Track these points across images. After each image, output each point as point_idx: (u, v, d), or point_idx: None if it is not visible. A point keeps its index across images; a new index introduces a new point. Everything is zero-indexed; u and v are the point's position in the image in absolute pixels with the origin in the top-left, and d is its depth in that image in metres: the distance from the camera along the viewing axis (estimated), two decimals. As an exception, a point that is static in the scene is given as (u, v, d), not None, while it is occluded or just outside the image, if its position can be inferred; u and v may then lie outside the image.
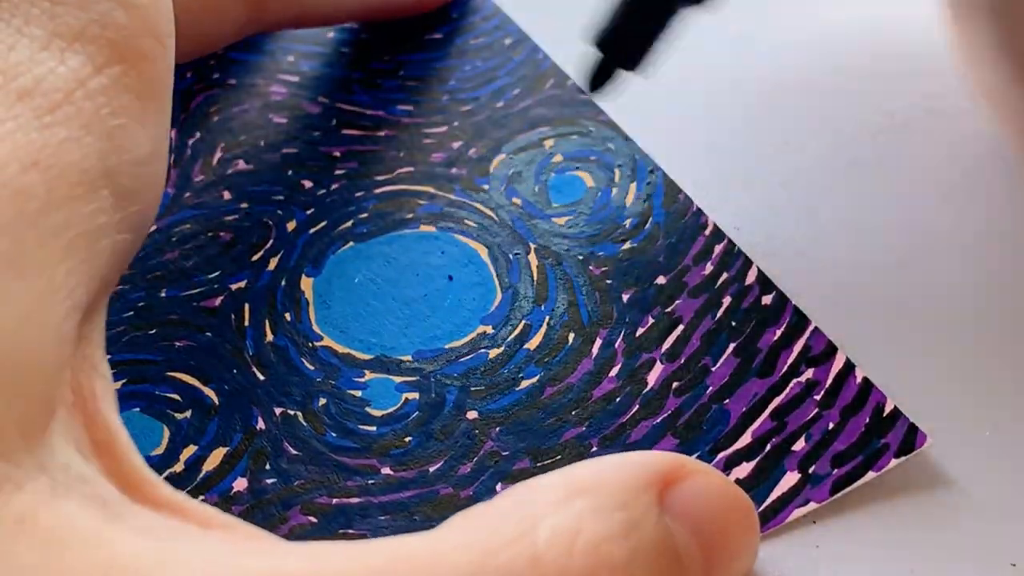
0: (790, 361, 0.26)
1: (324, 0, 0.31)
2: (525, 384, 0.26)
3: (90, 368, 0.20)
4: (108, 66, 0.20)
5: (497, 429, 0.26)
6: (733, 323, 0.27)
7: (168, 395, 0.27)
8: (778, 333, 0.26)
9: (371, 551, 0.18)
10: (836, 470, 0.24)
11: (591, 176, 0.30)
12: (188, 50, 0.28)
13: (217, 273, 0.29)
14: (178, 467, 0.25)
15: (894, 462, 0.24)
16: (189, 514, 0.19)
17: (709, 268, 0.28)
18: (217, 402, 0.26)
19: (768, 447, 0.25)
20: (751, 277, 0.28)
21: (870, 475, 0.24)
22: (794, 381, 0.26)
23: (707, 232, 0.28)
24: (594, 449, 0.25)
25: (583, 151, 0.31)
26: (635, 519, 0.18)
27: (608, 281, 0.28)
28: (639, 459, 0.20)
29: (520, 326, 0.27)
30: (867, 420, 0.25)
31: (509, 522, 0.18)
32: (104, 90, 0.19)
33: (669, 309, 0.27)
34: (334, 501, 0.25)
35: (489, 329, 0.27)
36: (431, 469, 0.25)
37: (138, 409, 0.26)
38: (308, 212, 0.30)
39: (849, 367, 0.26)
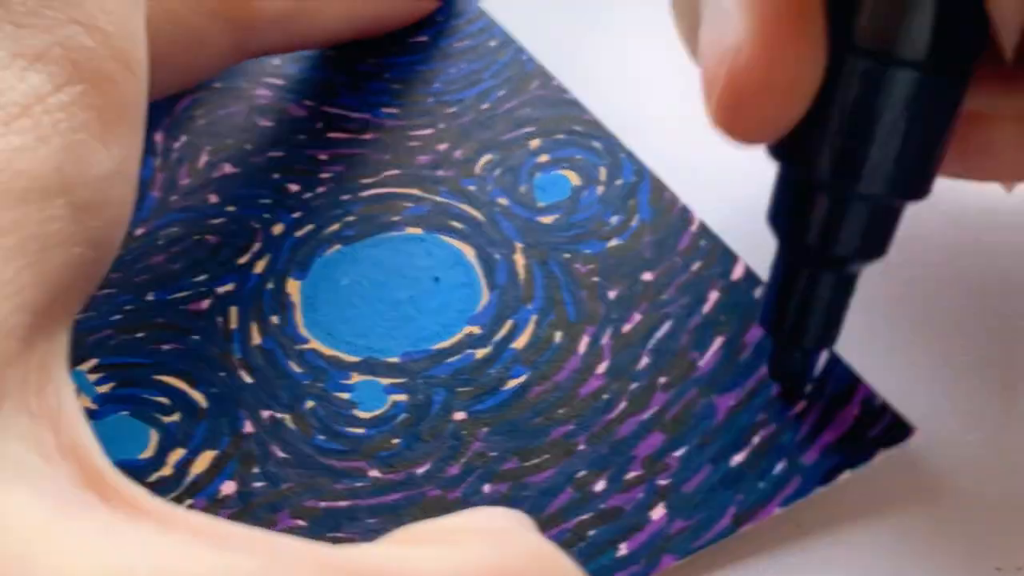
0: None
1: (308, 27, 0.31)
2: (511, 384, 0.27)
3: (54, 383, 0.20)
4: (69, 85, 0.20)
5: (485, 430, 0.26)
6: (721, 318, 0.27)
7: (156, 398, 0.27)
8: (763, 332, 0.27)
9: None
10: (825, 460, 0.25)
11: (576, 175, 0.31)
12: (175, 81, 0.28)
13: (204, 276, 0.29)
14: (166, 470, 0.26)
15: (882, 453, 0.25)
16: (164, 517, 0.19)
17: (696, 265, 0.28)
18: (205, 405, 0.27)
19: (756, 439, 0.25)
20: (738, 272, 0.28)
21: (860, 467, 0.25)
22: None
23: (693, 228, 0.29)
24: (581, 447, 0.26)
25: (568, 150, 0.31)
26: None
27: (594, 279, 0.28)
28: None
29: (507, 326, 0.28)
30: (856, 412, 0.25)
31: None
32: (63, 106, 0.20)
33: (656, 305, 0.28)
34: (322, 504, 0.25)
35: (476, 330, 0.28)
36: (419, 471, 0.26)
37: (126, 412, 0.27)
38: (295, 215, 0.30)
39: (835, 361, 0.26)
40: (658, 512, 0.24)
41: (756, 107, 0.20)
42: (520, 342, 0.28)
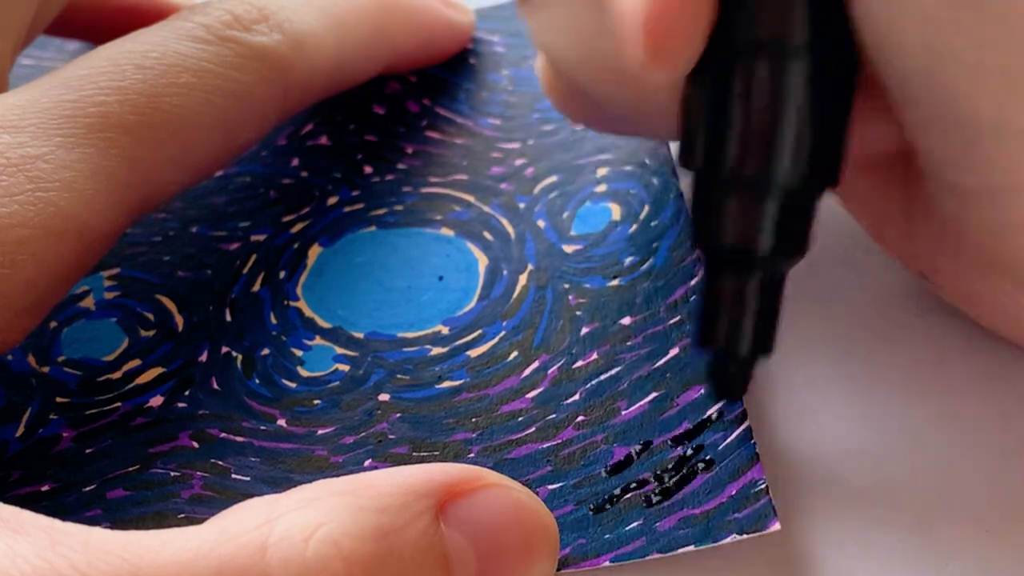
0: (697, 421, 0.26)
1: (350, 74, 0.33)
2: (446, 384, 0.28)
3: None
4: None
5: (397, 415, 0.27)
6: (667, 375, 0.27)
7: (144, 313, 0.30)
8: (699, 392, 0.27)
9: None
10: (675, 530, 0.24)
11: (620, 209, 0.31)
12: (233, 155, 0.31)
13: (247, 223, 0.32)
14: (116, 375, 0.29)
15: (735, 537, 0.24)
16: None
17: (675, 319, 0.28)
18: (180, 329, 0.30)
19: (629, 495, 0.25)
20: None
21: (704, 545, 0.24)
22: (694, 442, 0.26)
23: (692, 282, 0.29)
24: (471, 455, 0.27)
25: (627, 183, 0.32)
26: (394, 522, 0.20)
27: (578, 313, 0.29)
28: (424, 469, 0.21)
29: (474, 335, 0.29)
30: (732, 492, 0.25)
31: (257, 513, 0.20)
32: None
33: (616, 350, 0.28)
34: (222, 435, 0.27)
35: (445, 330, 0.29)
36: (319, 432, 0.27)
37: (114, 320, 0.30)
38: (354, 193, 0.33)
39: (748, 435, 0.25)
40: None
41: (673, 27, 0.21)
42: (477, 351, 0.29)
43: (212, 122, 0.28)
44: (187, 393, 0.28)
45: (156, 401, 0.28)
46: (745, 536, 0.24)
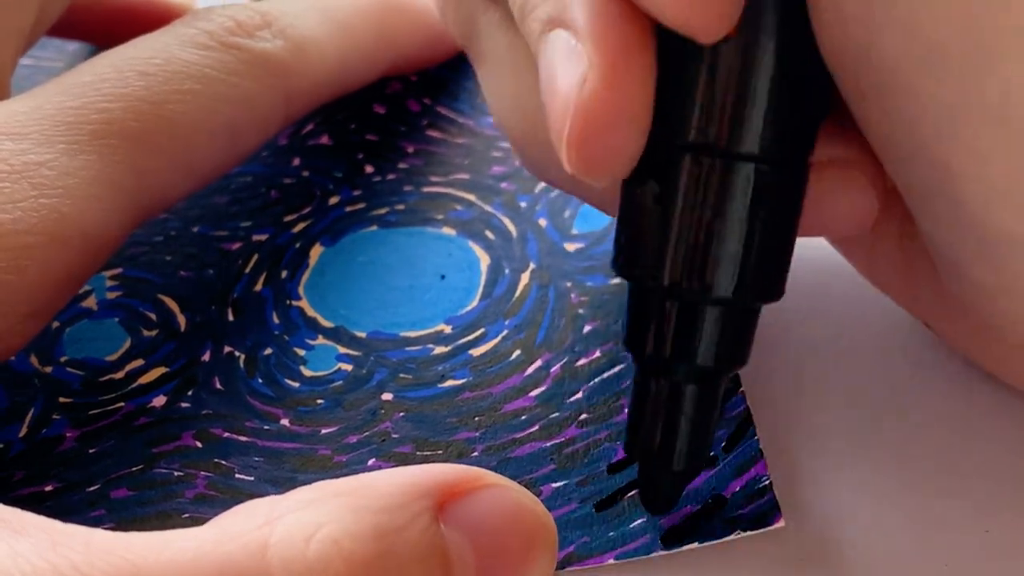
0: None
1: (352, 79, 0.34)
2: (448, 383, 0.28)
3: None
4: None
5: (401, 414, 0.28)
6: None
7: (147, 313, 0.31)
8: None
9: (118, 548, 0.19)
10: (680, 527, 0.25)
11: None
12: (237, 160, 0.31)
13: (248, 223, 0.33)
14: (119, 375, 0.29)
15: (739, 534, 0.24)
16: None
17: None
18: (183, 329, 0.30)
19: (632, 492, 0.25)
20: None
21: (709, 542, 0.24)
22: None
23: None
24: (475, 454, 0.27)
25: None
26: (395, 522, 0.20)
27: (580, 311, 0.29)
28: (423, 469, 0.21)
29: (477, 333, 0.29)
30: (736, 488, 0.25)
31: (257, 514, 0.20)
32: None
33: (619, 348, 0.28)
34: (225, 434, 0.28)
35: (447, 329, 0.30)
36: (323, 431, 0.28)
37: (117, 320, 0.31)
38: (355, 193, 0.33)
39: (752, 432, 0.26)
40: None
41: (606, 135, 0.21)
42: (480, 350, 0.29)
43: (215, 128, 0.28)
44: (190, 393, 0.28)
45: (159, 401, 0.28)
46: (749, 533, 0.24)
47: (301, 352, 0.29)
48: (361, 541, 0.19)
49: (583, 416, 0.27)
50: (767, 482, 0.25)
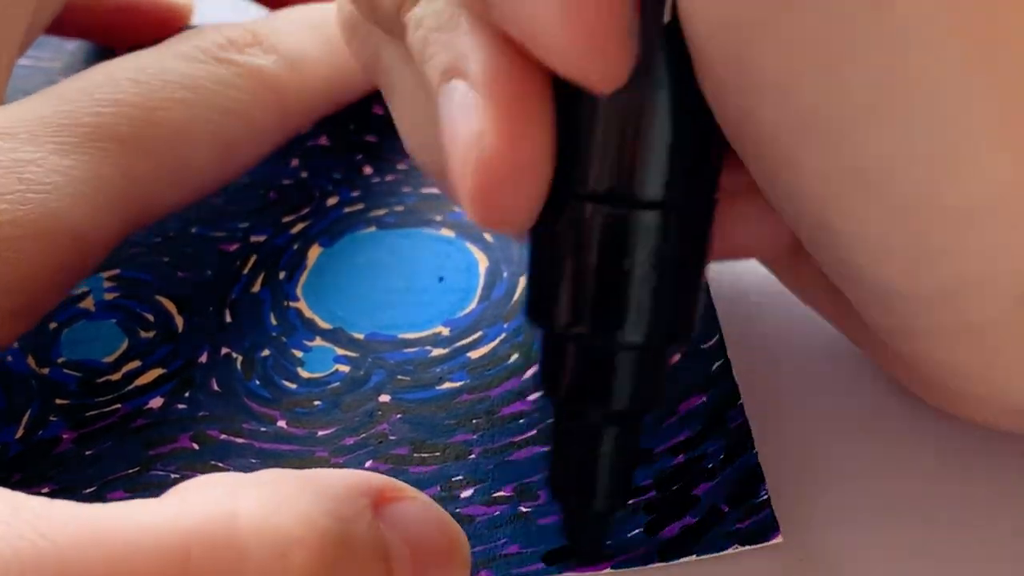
0: (699, 429, 0.26)
1: (340, 90, 0.34)
2: (447, 386, 0.28)
3: None
4: None
5: (398, 416, 0.28)
6: (668, 383, 0.27)
7: (144, 314, 0.31)
8: (701, 401, 0.27)
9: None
10: (678, 539, 0.25)
11: None
12: (232, 174, 0.31)
13: (246, 224, 0.33)
14: (116, 376, 0.29)
15: (736, 548, 0.24)
16: None
17: None
18: (180, 331, 0.30)
19: (630, 501, 0.25)
20: (711, 343, 0.28)
21: (706, 555, 0.24)
22: (695, 450, 0.26)
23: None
24: (473, 456, 0.27)
25: None
26: (347, 511, 0.20)
27: None
28: (357, 472, 0.21)
29: (475, 336, 0.29)
30: (734, 502, 0.25)
31: (221, 484, 0.20)
32: None
33: None
34: (222, 436, 0.28)
35: (446, 331, 0.30)
36: (320, 433, 0.28)
37: (114, 321, 0.31)
38: (354, 194, 0.33)
39: (750, 445, 0.26)
40: (503, 532, 0.25)
41: (507, 190, 0.21)
42: (477, 353, 0.29)
43: (207, 137, 0.29)
44: (187, 394, 0.28)
45: (156, 403, 0.28)
46: (747, 547, 0.24)
47: (299, 354, 0.29)
48: (325, 517, 0.19)
49: None
50: (765, 496, 0.25)
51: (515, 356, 0.28)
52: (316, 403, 0.28)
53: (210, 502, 0.19)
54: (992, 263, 0.20)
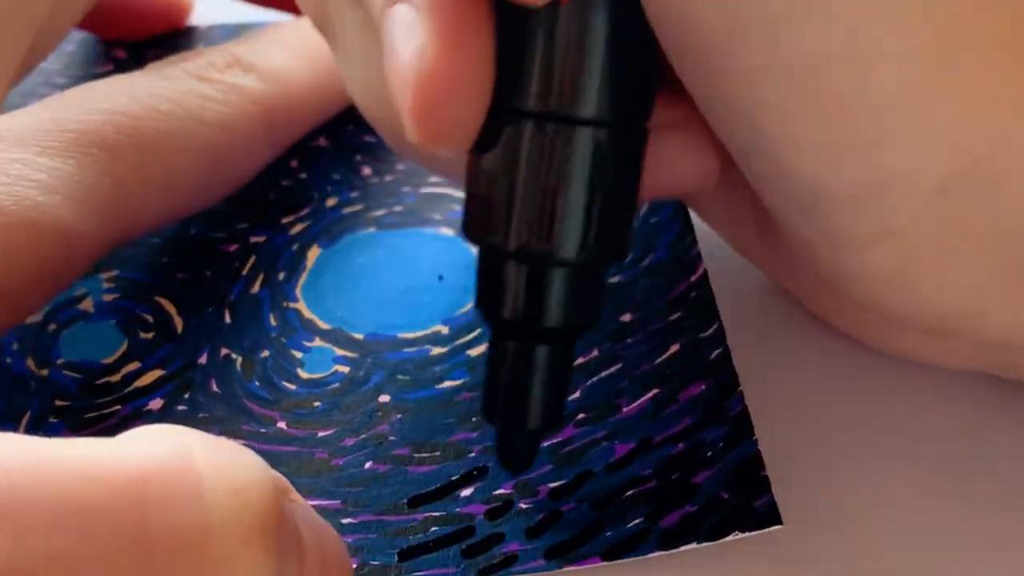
0: (698, 418, 0.26)
1: (326, 99, 0.34)
2: (446, 384, 0.28)
3: None
4: None
5: (398, 416, 0.28)
6: (668, 371, 0.27)
7: (144, 315, 0.31)
8: (700, 389, 0.27)
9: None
10: (679, 528, 0.25)
11: None
12: (223, 188, 0.32)
13: (245, 225, 0.33)
14: (115, 377, 0.29)
15: (737, 535, 0.24)
16: None
17: (676, 315, 0.29)
18: (179, 332, 0.30)
19: (631, 492, 0.25)
20: (709, 331, 0.28)
21: (707, 543, 0.24)
22: (695, 438, 0.26)
23: (693, 278, 0.29)
24: (472, 455, 0.27)
25: None
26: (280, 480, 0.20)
27: None
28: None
29: (473, 333, 0.29)
30: (735, 490, 0.25)
31: (168, 430, 0.20)
32: None
33: (617, 346, 0.28)
34: (222, 438, 0.28)
35: (444, 329, 0.30)
36: (320, 434, 0.28)
37: (113, 322, 0.31)
38: (353, 195, 0.33)
39: (750, 432, 0.26)
40: (500, 529, 0.25)
41: (448, 103, 0.21)
42: (477, 350, 0.29)
43: (194, 148, 0.29)
44: (187, 396, 0.29)
45: (156, 404, 0.28)
46: (748, 534, 0.24)
47: (298, 354, 0.29)
48: (274, 477, 0.19)
49: (580, 416, 0.27)
50: (765, 484, 0.25)
51: None
52: (316, 404, 0.28)
53: (166, 440, 0.19)
54: (910, 157, 0.21)
